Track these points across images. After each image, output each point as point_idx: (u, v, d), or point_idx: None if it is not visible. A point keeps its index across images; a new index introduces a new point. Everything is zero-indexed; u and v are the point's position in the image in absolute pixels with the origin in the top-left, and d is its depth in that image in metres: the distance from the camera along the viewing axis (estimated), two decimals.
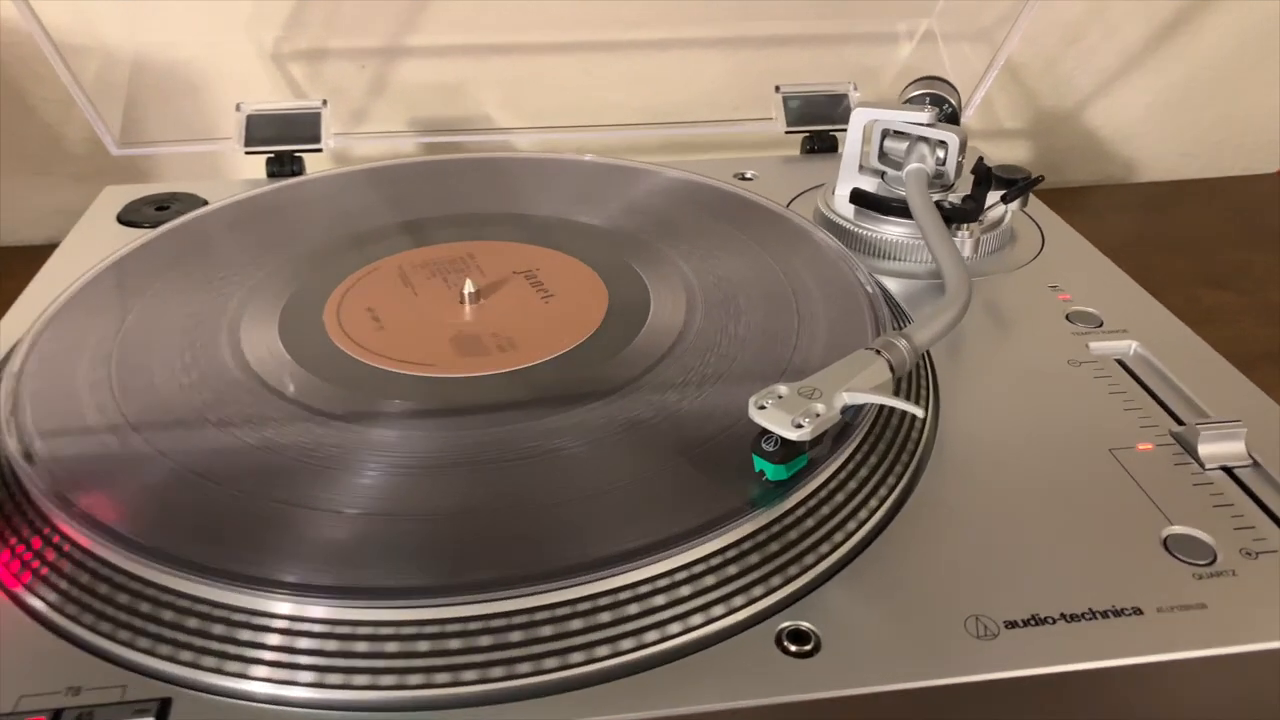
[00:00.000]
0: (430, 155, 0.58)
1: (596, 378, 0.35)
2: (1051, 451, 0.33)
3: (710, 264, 0.42)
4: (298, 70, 0.62)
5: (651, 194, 0.48)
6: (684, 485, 0.30)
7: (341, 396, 0.34)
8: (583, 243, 0.43)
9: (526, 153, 0.58)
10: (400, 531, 0.28)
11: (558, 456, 0.31)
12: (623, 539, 0.27)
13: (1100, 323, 0.40)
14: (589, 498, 0.29)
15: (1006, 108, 0.70)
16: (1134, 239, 0.64)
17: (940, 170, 0.45)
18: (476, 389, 0.34)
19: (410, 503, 0.29)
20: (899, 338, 0.32)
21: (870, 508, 0.30)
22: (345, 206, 0.47)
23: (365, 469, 0.31)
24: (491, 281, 0.40)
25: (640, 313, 0.38)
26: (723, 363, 0.35)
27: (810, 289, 0.39)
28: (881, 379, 0.31)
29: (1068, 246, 0.47)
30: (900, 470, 0.32)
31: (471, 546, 0.28)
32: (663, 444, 0.31)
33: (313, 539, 0.28)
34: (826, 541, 0.29)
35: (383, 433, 0.32)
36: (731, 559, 0.28)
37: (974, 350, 0.39)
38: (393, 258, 0.42)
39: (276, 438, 0.32)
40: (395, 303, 0.39)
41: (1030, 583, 0.28)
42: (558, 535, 0.28)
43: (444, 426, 0.33)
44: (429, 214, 0.47)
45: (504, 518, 0.29)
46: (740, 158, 0.56)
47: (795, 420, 0.28)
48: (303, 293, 0.40)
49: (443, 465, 0.31)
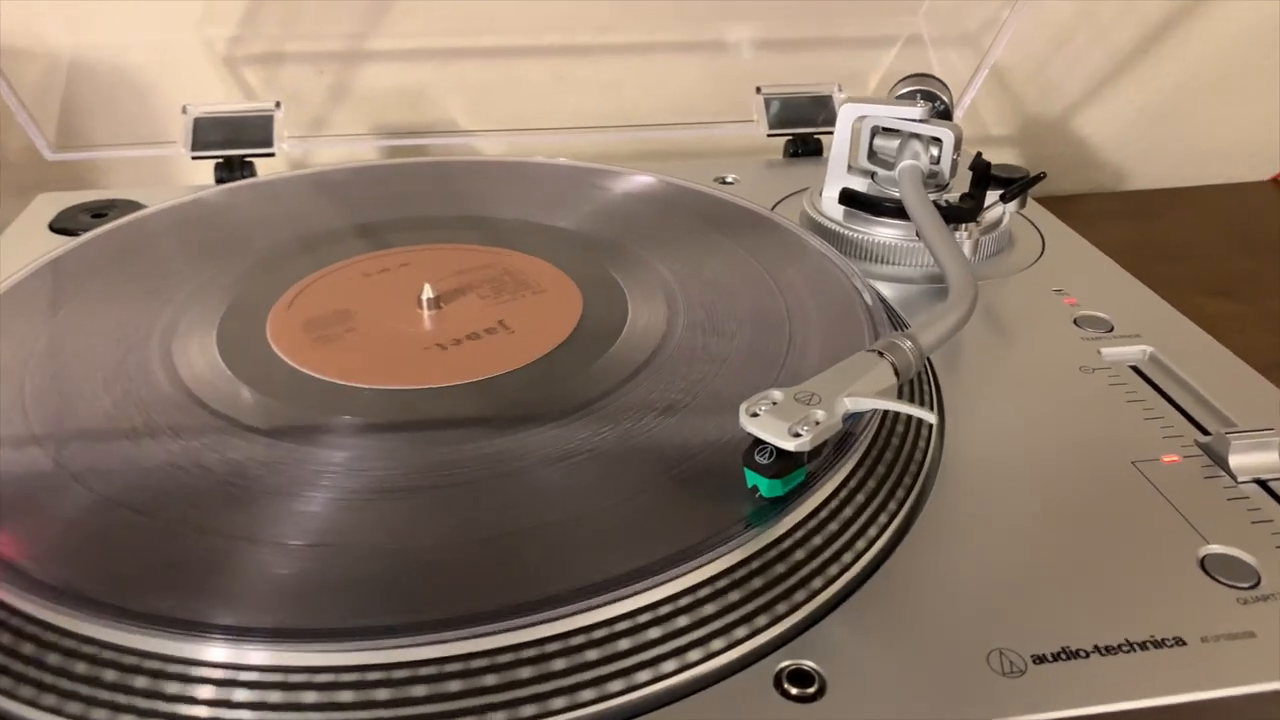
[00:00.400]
0: (390, 160, 0.55)
1: (569, 389, 0.31)
2: (1069, 465, 0.30)
3: (692, 268, 0.38)
4: (252, 75, 0.59)
5: (627, 197, 0.45)
6: (667, 507, 0.27)
7: (285, 413, 0.30)
8: (553, 246, 0.40)
9: (492, 156, 0.54)
10: (352, 564, 0.25)
11: (527, 477, 0.28)
12: (596, 568, 0.24)
13: (1110, 327, 0.38)
14: (561, 522, 0.26)
15: (993, 113, 0.68)
16: (1128, 247, 0.61)
17: (934, 169, 0.42)
18: (436, 403, 0.31)
19: (363, 532, 0.26)
20: (903, 338, 0.29)
21: (874, 530, 0.27)
22: (293, 211, 0.44)
23: (312, 494, 0.27)
24: (452, 287, 0.37)
25: (617, 319, 0.35)
26: (708, 371, 0.32)
27: (801, 294, 0.36)
28: (885, 383, 0.28)
29: (1069, 249, 0.44)
30: (906, 488, 0.29)
31: (435, 579, 0.24)
32: (643, 461, 0.28)
33: (251, 575, 0.24)
34: (828, 568, 0.26)
35: (331, 454, 0.29)
36: (723, 589, 0.25)
37: (978, 357, 0.36)
38: (344, 264, 0.39)
39: (211, 460, 0.28)
40: (346, 311, 0.36)
41: (1057, 611, 0.25)
42: (526, 565, 0.25)
43: (400, 445, 0.29)
44: (384, 217, 0.43)
45: (469, 546, 0.25)
46: (719, 163, 0.53)
47: (792, 429, 0.25)
48: (244, 301, 0.36)
49: (399, 489, 0.27)
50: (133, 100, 0.58)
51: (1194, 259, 0.60)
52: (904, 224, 0.41)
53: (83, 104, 0.56)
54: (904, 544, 0.28)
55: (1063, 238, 0.45)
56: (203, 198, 0.44)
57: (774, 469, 0.25)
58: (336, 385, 0.32)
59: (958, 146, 0.42)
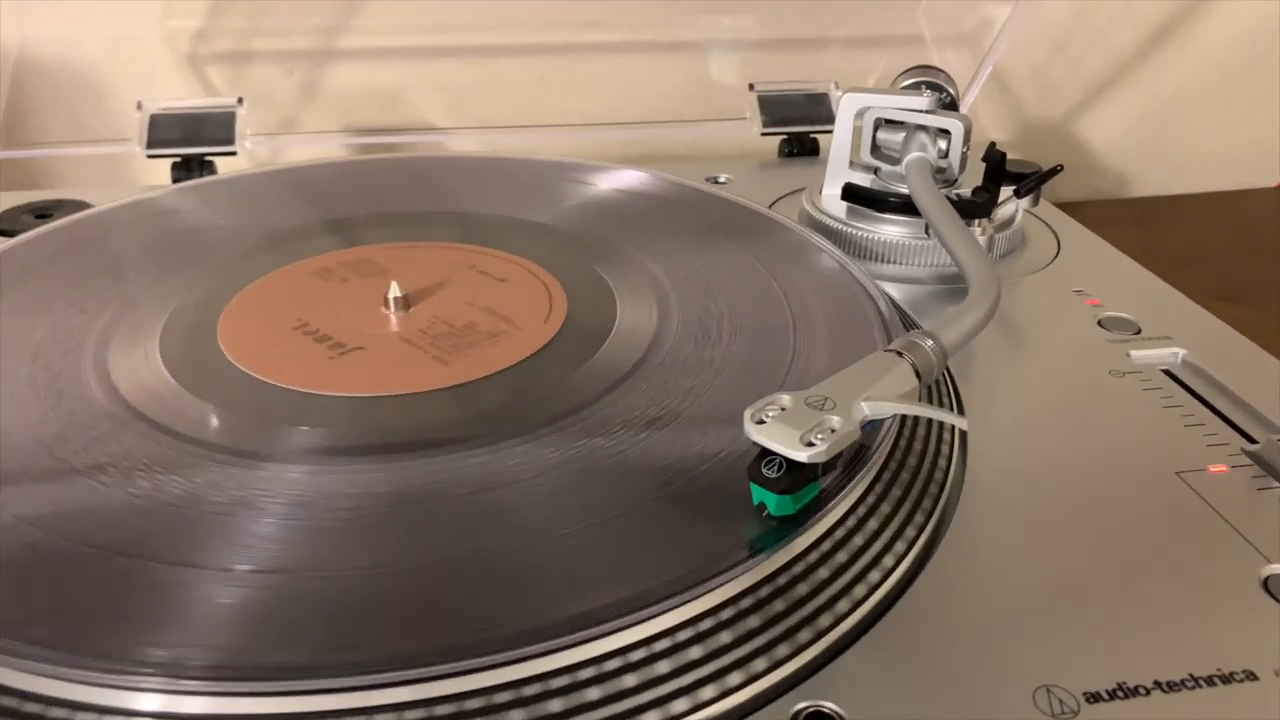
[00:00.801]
0: (359, 156, 0.52)
1: (552, 397, 0.28)
2: (1108, 478, 0.27)
3: (686, 267, 0.35)
4: (217, 74, 0.56)
5: (616, 194, 0.42)
6: (662, 528, 0.23)
7: (234, 424, 0.27)
8: (534, 243, 0.37)
9: (468, 152, 0.51)
10: (308, 593, 0.21)
11: (504, 494, 0.24)
12: (580, 598, 0.21)
13: (1138, 329, 0.35)
14: (541, 546, 0.23)
15: (990, 116, 0.65)
16: (1134, 254, 0.59)
17: (942, 164, 0.39)
18: (404, 411, 0.28)
19: (321, 556, 0.22)
20: (923, 337, 0.26)
21: (896, 552, 0.24)
22: (251, 209, 0.40)
23: (263, 515, 0.24)
24: (424, 285, 0.34)
25: (605, 320, 0.32)
26: (705, 378, 0.29)
27: (805, 295, 0.33)
28: (906, 386, 0.25)
29: (1086, 249, 0.41)
30: (927, 508, 0.26)
31: (402, 611, 0.21)
32: (633, 477, 0.25)
33: (191, 607, 0.21)
34: (847, 595, 0.23)
35: (285, 468, 0.25)
36: (726, 622, 0.21)
37: (997, 363, 0.33)
38: (304, 263, 0.36)
39: (147, 478, 0.25)
40: (307, 312, 0.32)
41: (1108, 642, 0.22)
42: (502, 594, 0.21)
43: (363, 458, 0.26)
44: (350, 214, 0.40)
45: (440, 574, 0.22)
46: (710, 166, 0.50)
47: (805, 437, 0.22)
48: (194, 304, 0.33)
49: (363, 508, 0.24)
50: (87, 100, 0.54)
51: (1203, 265, 0.57)
52: (911, 220, 0.39)
53: (31, 103, 0.53)
54: (928, 568, 0.24)
55: (1078, 237, 0.42)
56: (152, 196, 0.41)
57: (784, 483, 0.22)
58: (292, 392, 0.28)
59: (967, 138, 0.39)
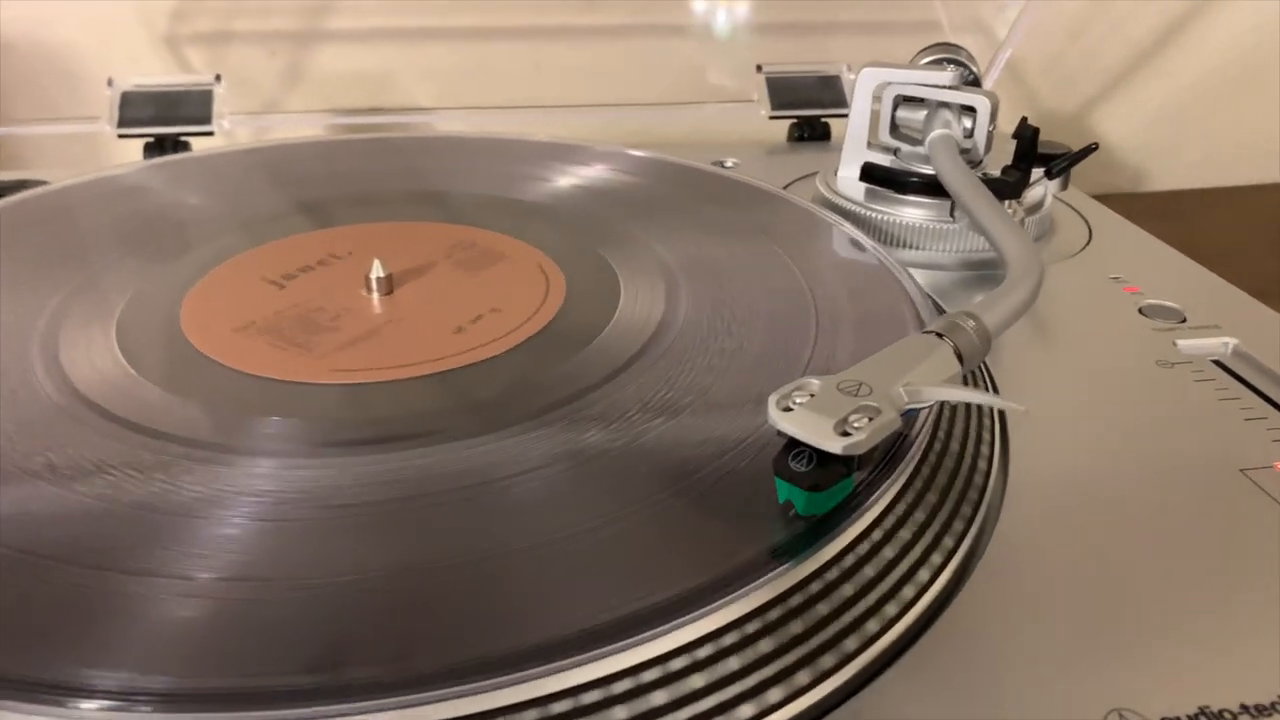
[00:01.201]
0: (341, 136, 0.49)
1: (549, 384, 0.25)
2: (1166, 476, 0.25)
3: (695, 249, 0.33)
4: (196, 55, 0.53)
5: (619, 175, 0.39)
6: (670, 532, 0.20)
7: (197, 415, 0.24)
8: (530, 224, 0.34)
9: (456, 131, 0.48)
10: (278, 605, 0.19)
11: (495, 492, 0.22)
12: (583, 612, 0.18)
13: (1183, 317, 0.32)
14: (538, 550, 0.20)
15: (1003, 107, 0.62)
16: None
17: (965, 145, 0.37)
18: (386, 400, 0.25)
19: (293, 563, 0.20)
20: (964, 318, 0.23)
21: (933, 564, 0.21)
22: (222, 189, 0.37)
23: (228, 516, 0.21)
24: (409, 267, 0.31)
25: (607, 302, 0.29)
26: (719, 364, 0.26)
27: (827, 279, 0.30)
28: (948, 372, 0.22)
29: (1120, 234, 0.39)
30: (968, 511, 0.23)
31: (384, 625, 0.18)
32: (640, 473, 0.22)
33: (145, 621, 0.18)
34: (883, 608, 0.20)
35: (253, 463, 0.23)
36: (752, 636, 0.19)
37: (1035, 353, 0.30)
38: (280, 242, 0.33)
39: (98, 476, 0.22)
40: (280, 295, 0.30)
41: (1184, 660, 0.19)
42: (497, 606, 0.19)
43: (341, 452, 0.23)
44: (329, 194, 0.37)
45: (425, 582, 0.19)
46: (715, 151, 0.47)
47: (840, 426, 0.19)
48: (155, 287, 0.30)
49: (338, 506, 0.21)
50: (60, 82, 0.51)
51: (1230, 260, 0.55)
52: (934, 202, 0.36)
53: (2, 84, 0.50)
54: (970, 582, 0.22)
55: (1110, 222, 0.40)
56: (113, 174, 0.38)
57: (814, 478, 0.19)
58: (263, 380, 0.26)
59: (994, 116, 0.37)
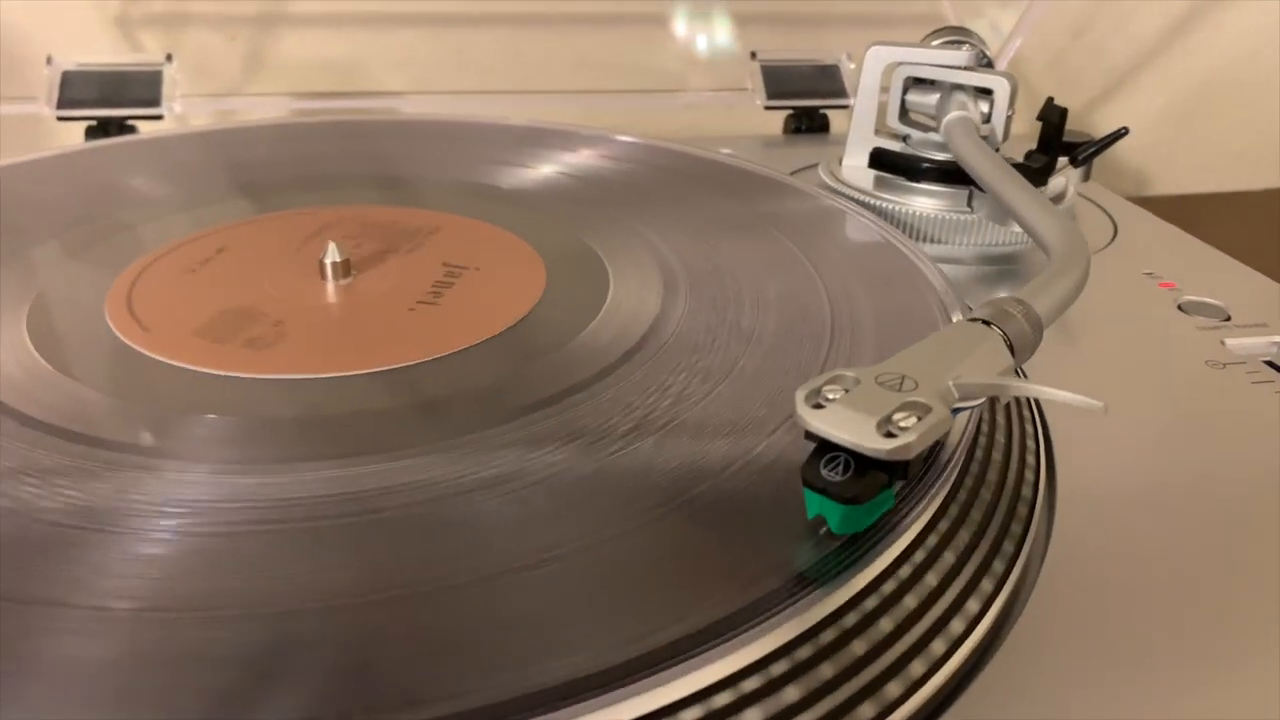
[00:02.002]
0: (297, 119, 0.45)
1: (526, 383, 0.22)
2: (1236, 488, 0.22)
3: (694, 237, 0.29)
4: (150, 39, 0.49)
5: (608, 160, 0.36)
6: (672, 555, 0.17)
7: (119, 413, 0.21)
8: (506, 210, 0.31)
9: (429, 114, 0.45)
10: (208, 639, 0.15)
11: (464, 506, 0.18)
12: (565, 657, 0.15)
13: (1227, 315, 0.29)
14: (508, 577, 0.16)
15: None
16: None
17: (983, 130, 0.34)
18: (338, 398, 0.21)
19: (225, 590, 0.16)
20: (1013, 304, 0.20)
21: (982, 593, 0.18)
22: (163, 171, 0.34)
23: (150, 532, 0.17)
24: (369, 252, 0.28)
25: (595, 293, 0.26)
26: (726, 361, 0.23)
27: (842, 271, 0.27)
28: (1001, 364, 0.19)
29: (1147, 229, 0.36)
30: (1018, 531, 0.20)
31: (334, 662, 0.15)
32: (636, 486, 0.19)
33: (52, 658, 0.15)
34: (921, 655, 0.17)
35: (182, 470, 0.19)
36: (767, 686, 0.15)
37: (1074, 353, 0.27)
38: (217, 228, 0.29)
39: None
40: (222, 281, 0.26)
41: (1272, 683, 0.16)
42: (466, 641, 0.15)
43: (287, 456, 0.20)
44: (282, 178, 0.34)
45: (381, 611, 0.16)
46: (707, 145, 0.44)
47: (884, 425, 0.16)
48: (79, 273, 0.27)
49: (280, 521, 0.18)
50: (3, 65, 0.48)
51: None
52: (949, 191, 0.33)
53: None
54: (1026, 609, 0.19)
55: (1135, 217, 0.37)
56: (42, 158, 0.34)
57: (852, 488, 0.16)
58: (200, 374, 0.22)
59: (1013, 100, 0.34)
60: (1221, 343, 0.28)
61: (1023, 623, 0.18)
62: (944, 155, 0.33)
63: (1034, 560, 0.20)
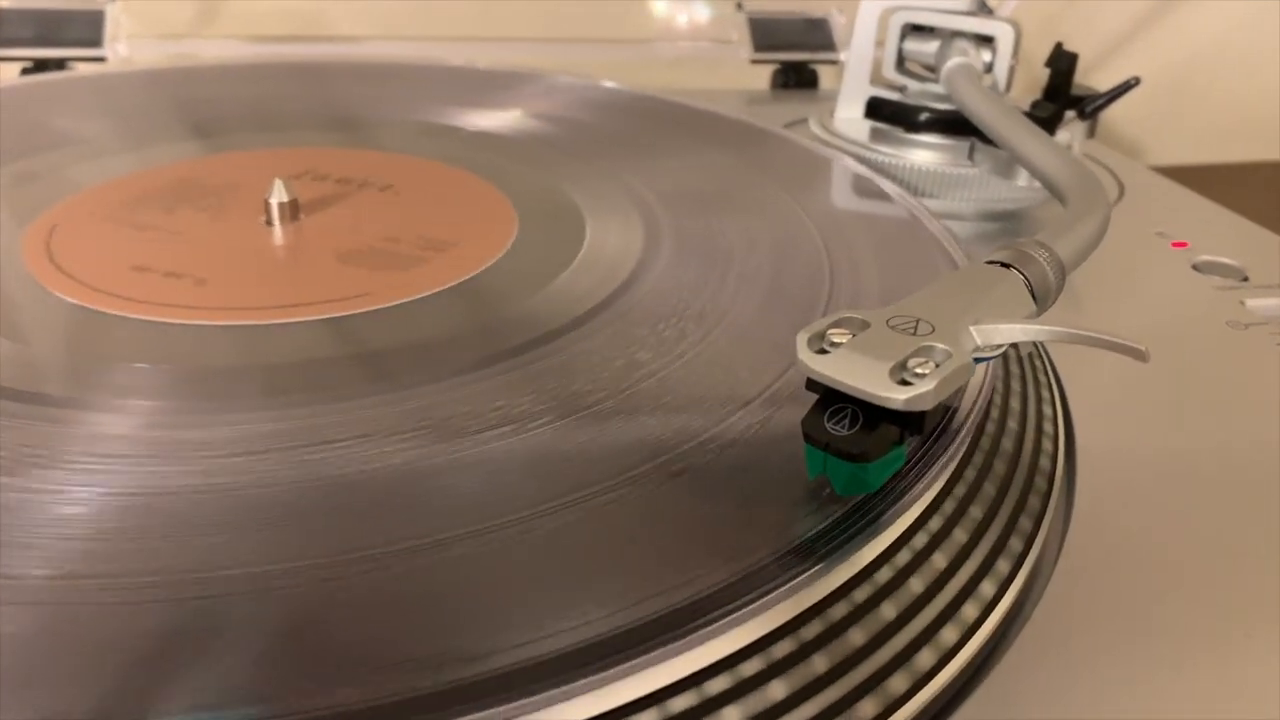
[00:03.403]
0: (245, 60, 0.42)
1: (495, 331, 0.20)
2: (1268, 454, 0.20)
3: (678, 183, 0.27)
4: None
5: (585, 106, 0.34)
6: (657, 523, 0.15)
7: (33, 362, 0.18)
8: (474, 153, 0.29)
9: (391, 56, 0.42)
10: (132, 611, 0.13)
11: (425, 464, 0.16)
12: (539, 627, 0.13)
13: (1245, 275, 0.28)
14: (469, 540, 0.14)
15: None
16: None
17: (985, 80, 0.32)
18: (284, 345, 0.19)
19: (155, 554, 0.14)
20: (1034, 246, 0.18)
21: (999, 573, 0.16)
22: (98, 111, 0.31)
23: (72, 490, 0.15)
24: (322, 194, 0.25)
25: (570, 238, 0.24)
26: (714, 309, 0.21)
27: (841, 221, 0.25)
28: (1023, 310, 0.17)
29: (1154, 188, 0.34)
30: (1036, 504, 0.18)
31: (279, 636, 0.13)
32: (615, 444, 0.17)
33: None
34: (930, 644, 0.15)
35: (108, 422, 0.17)
36: (753, 680, 0.13)
37: (1087, 315, 0.25)
38: (168, 167, 0.27)
39: None
40: (150, 225, 0.24)
41: None
42: (423, 617, 0.13)
43: (223, 409, 0.17)
44: (229, 118, 0.31)
45: (329, 582, 0.13)
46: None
47: (898, 372, 0.14)
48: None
49: (224, 480, 0.15)
50: None
51: None
52: (948, 143, 0.31)
53: None
54: (1046, 592, 0.17)
55: (1142, 176, 0.35)
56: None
57: (861, 444, 0.14)
58: (125, 320, 0.20)
59: (1016, 48, 0.32)
60: (1241, 303, 0.26)
61: (1042, 607, 0.16)
62: (945, 105, 0.31)
63: (1053, 538, 0.18)
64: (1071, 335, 0.15)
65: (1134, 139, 0.62)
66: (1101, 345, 0.15)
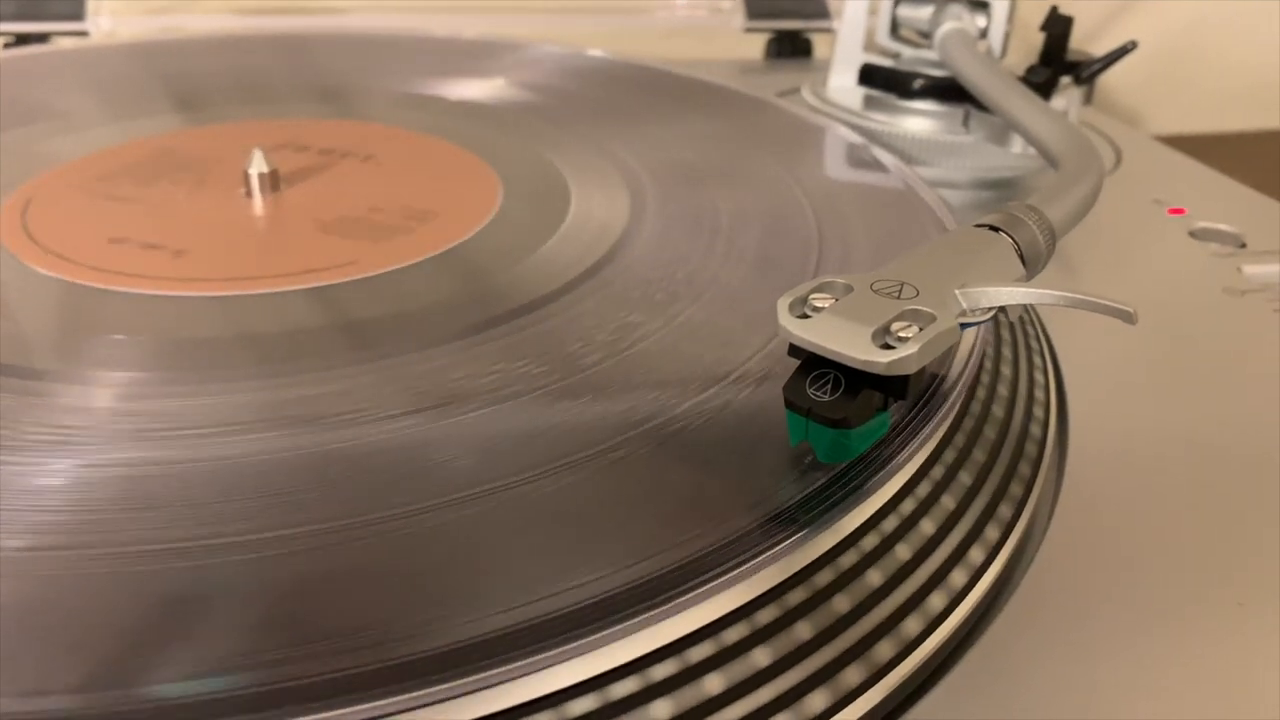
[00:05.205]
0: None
1: (480, 299, 0.19)
2: (1265, 422, 0.20)
3: (664, 151, 0.27)
4: None
5: (569, 75, 0.33)
6: (638, 489, 0.15)
7: (12, 338, 0.18)
8: (458, 123, 0.28)
9: (372, 26, 0.41)
10: (104, 583, 0.13)
11: (407, 432, 0.16)
12: (525, 592, 0.12)
13: (1243, 242, 0.27)
14: (464, 505, 0.14)
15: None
16: None
17: (980, 46, 0.31)
18: (265, 315, 0.19)
19: (138, 524, 0.14)
20: (1025, 210, 0.18)
21: (988, 541, 0.16)
22: (76, 83, 0.31)
23: (47, 462, 0.15)
24: (304, 165, 0.25)
25: (555, 207, 0.23)
26: (701, 276, 0.20)
27: (830, 189, 0.25)
28: (1011, 274, 0.16)
29: (1151, 155, 0.34)
30: (1026, 471, 0.18)
31: (269, 605, 0.12)
32: (599, 413, 0.16)
33: None
34: (916, 611, 0.15)
35: (84, 394, 0.16)
36: (736, 647, 0.13)
37: (1083, 282, 0.25)
38: (150, 139, 0.26)
39: None
40: (127, 198, 0.23)
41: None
42: (411, 584, 0.13)
43: (206, 380, 0.17)
44: (210, 90, 0.31)
45: (317, 551, 0.13)
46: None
47: (880, 336, 0.14)
48: None
49: (204, 452, 0.15)
50: None
51: None
52: (943, 110, 0.31)
53: None
54: (1036, 559, 0.16)
55: (1139, 143, 0.35)
56: None
57: (843, 409, 0.14)
58: (101, 292, 0.19)
59: (1011, 14, 0.31)
60: (1239, 270, 0.26)
61: (1031, 575, 0.16)
62: (939, 71, 0.31)
63: (1043, 507, 0.18)
64: (1057, 298, 0.15)
65: (1133, 107, 0.61)
66: (1088, 307, 0.14)
